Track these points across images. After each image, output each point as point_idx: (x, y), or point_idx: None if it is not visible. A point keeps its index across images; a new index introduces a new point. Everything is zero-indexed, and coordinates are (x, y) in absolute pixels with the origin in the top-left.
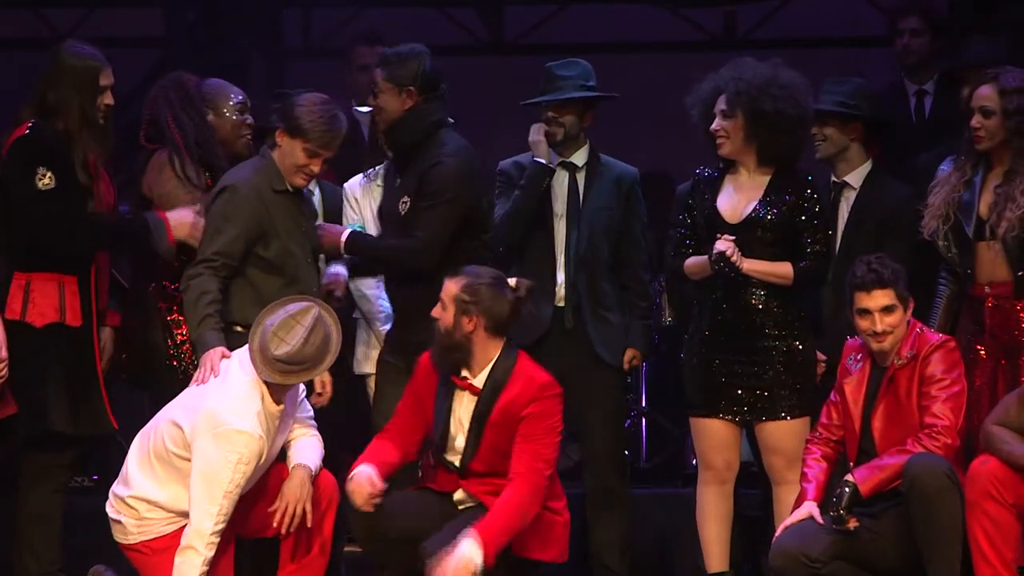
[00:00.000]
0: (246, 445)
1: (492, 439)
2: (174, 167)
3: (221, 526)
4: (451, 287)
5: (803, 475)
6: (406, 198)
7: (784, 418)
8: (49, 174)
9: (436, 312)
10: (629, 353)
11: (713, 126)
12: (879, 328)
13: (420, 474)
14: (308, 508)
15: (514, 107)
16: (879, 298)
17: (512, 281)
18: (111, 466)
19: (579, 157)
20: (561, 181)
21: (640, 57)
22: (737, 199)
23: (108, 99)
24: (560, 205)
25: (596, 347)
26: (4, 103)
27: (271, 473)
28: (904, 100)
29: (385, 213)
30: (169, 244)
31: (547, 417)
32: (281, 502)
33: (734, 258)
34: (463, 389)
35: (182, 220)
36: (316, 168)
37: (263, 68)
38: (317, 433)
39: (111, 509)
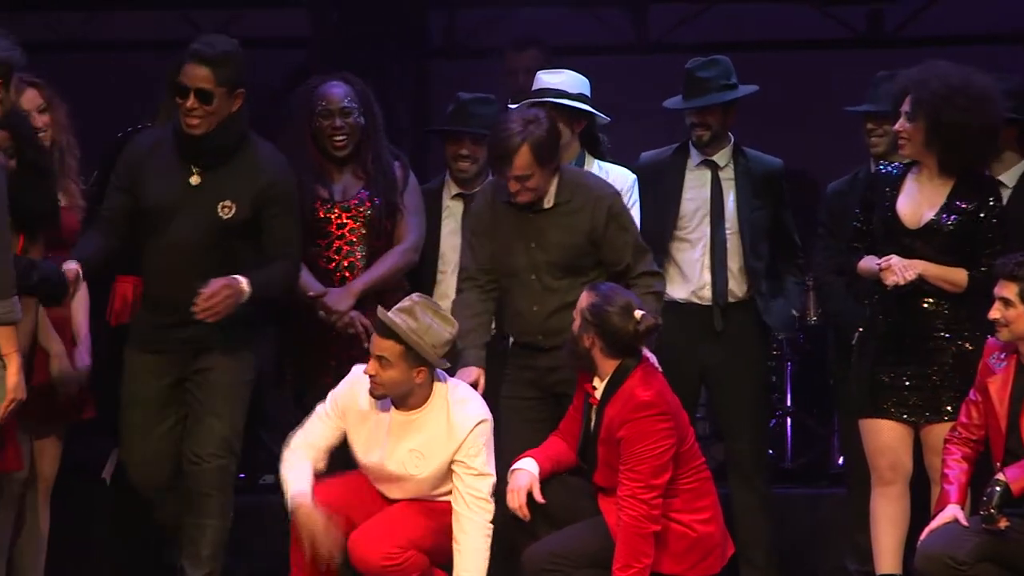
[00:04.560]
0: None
1: (604, 455)
2: None
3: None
4: (583, 300)
5: (944, 476)
6: (229, 203)
7: (948, 419)
8: None
9: (574, 315)
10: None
11: (896, 126)
12: (997, 316)
13: None
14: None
15: (659, 104)
16: (1001, 289)
17: (638, 314)
18: (256, 464)
19: (722, 157)
20: (703, 180)
21: (785, 55)
22: (918, 202)
23: None
24: (701, 204)
25: (744, 347)
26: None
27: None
28: None
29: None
30: None
31: (642, 439)
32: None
33: (906, 277)
34: (591, 399)
35: None
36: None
37: (406, 68)
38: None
39: None
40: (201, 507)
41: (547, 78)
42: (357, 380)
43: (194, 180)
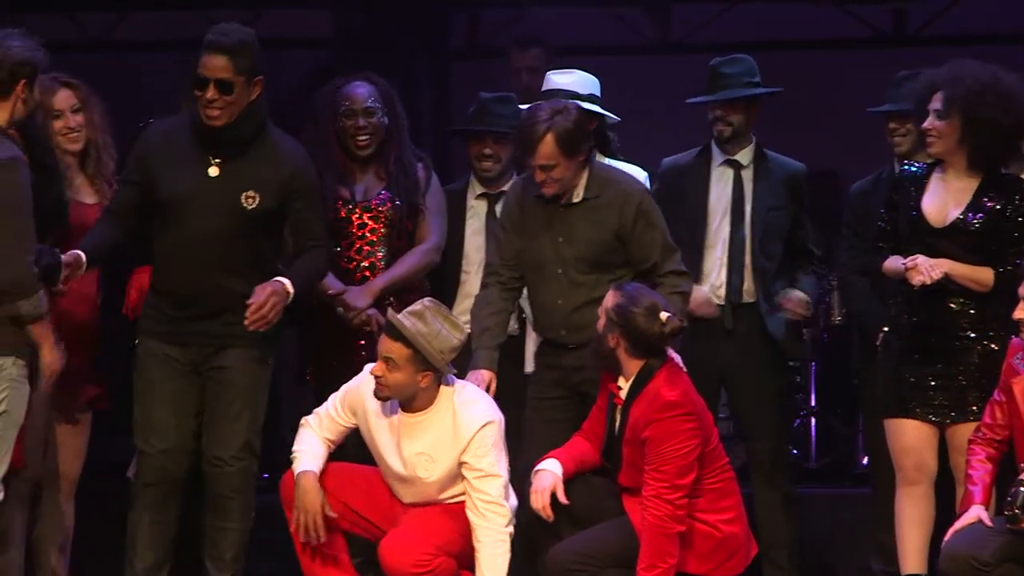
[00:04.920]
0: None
1: (628, 455)
2: None
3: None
4: (608, 299)
5: (968, 477)
6: (252, 193)
7: (974, 420)
8: None
9: (599, 314)
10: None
11: (925, 124)
12: (1022, 316)
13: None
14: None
15: (681, 105)
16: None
17: (663, 315)
18: (279, 464)
19: (744, 155)
20: (726, 179)
21: (808, 55)
22: (944, 201)
23: None
24: (723, 203)
25: (774, 342)
26: (170, 104)
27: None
28: None
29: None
30: None
31: (668, 439)
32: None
33: (933, 276)
34: (615, 399)
35: None
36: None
37: (428, 69)
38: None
39: None
40: (223, 509)
41: (557, 78)
42: (367, 380)
43: (213, 171)
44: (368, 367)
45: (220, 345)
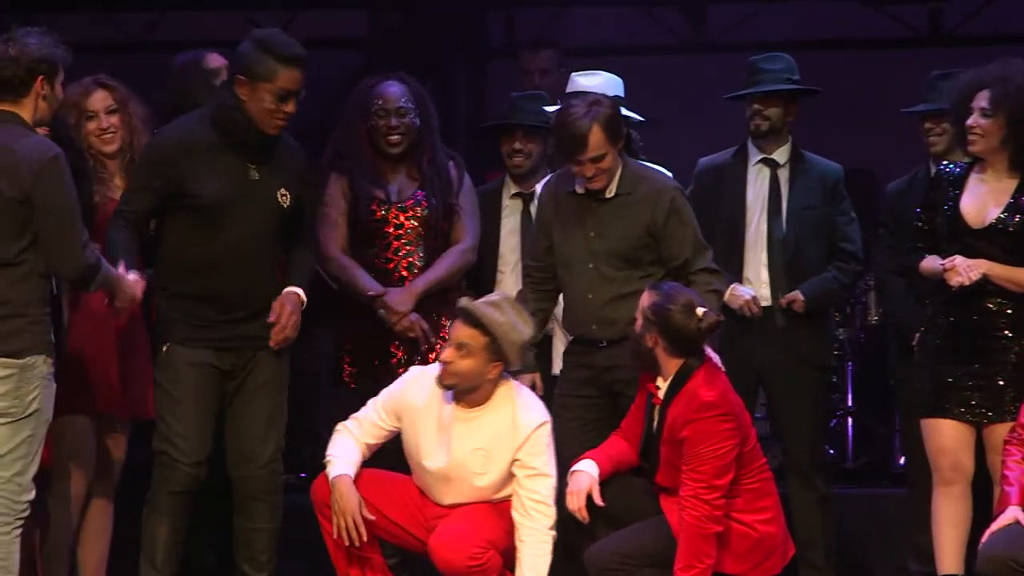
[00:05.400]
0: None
1: (666, 454)
2: None
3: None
4: (644, 299)
5: (1004, 478)
6: (284, 190)
7: (1011, 420)
8: None
9: (636, 315)
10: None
11: (969, 122)
12: None
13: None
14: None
15: (717, 105)
16: None
17: (700, 311)
18: (316, 464)
19: (781, 154)
20: (762, 178)
21: (844, 54)
22: (983, 202)
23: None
24: (760, 202)
25: (802, 347)
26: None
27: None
28: None
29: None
30: None
31: (705, 440)
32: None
33: (971, 277)
34: (654, 399)
35: None
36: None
37: (465, 69)
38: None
39: None
40: (254, 512)
41: (583, 80)
42: (415, 380)
43: (253, 174)
44: (413, 369)
45: (257, 348)
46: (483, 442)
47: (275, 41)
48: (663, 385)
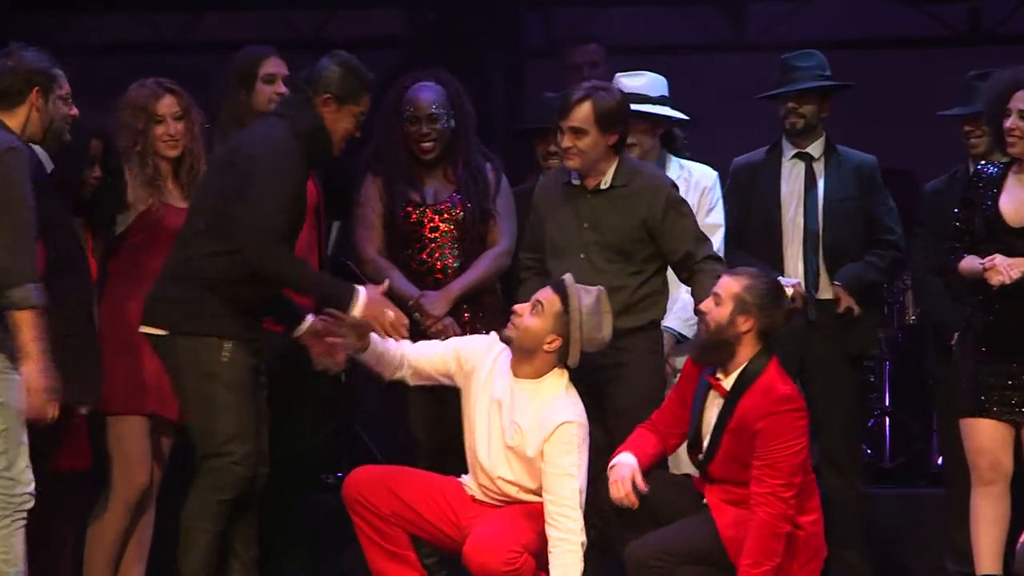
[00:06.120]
0: None
1: (730, 445)
2: None
3: None
4: (732, 284)
5: None
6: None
7: None
8: None
9: (706, 306)
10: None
11: (1008, 124)
12: None
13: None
14: None
15: (755, 103)
16: None
17: (789, 290)
18: (354, 461)
19: (816, 148)
20: (797, 172)
21: (881, 53)
22: (1021, 201)
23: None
24: (796, 195)
25: (844, 337)
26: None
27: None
28: None
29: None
30: None
31: (781, 435)
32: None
33: (1012, 276)
34: (715, 390)
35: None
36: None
37: (502, 68)
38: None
39: None
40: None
41: (628, 81)
42: (491, 344)
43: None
44: (492, 334)
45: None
46: (519, 417)
47: (357, 65)
48: (729, 376)
